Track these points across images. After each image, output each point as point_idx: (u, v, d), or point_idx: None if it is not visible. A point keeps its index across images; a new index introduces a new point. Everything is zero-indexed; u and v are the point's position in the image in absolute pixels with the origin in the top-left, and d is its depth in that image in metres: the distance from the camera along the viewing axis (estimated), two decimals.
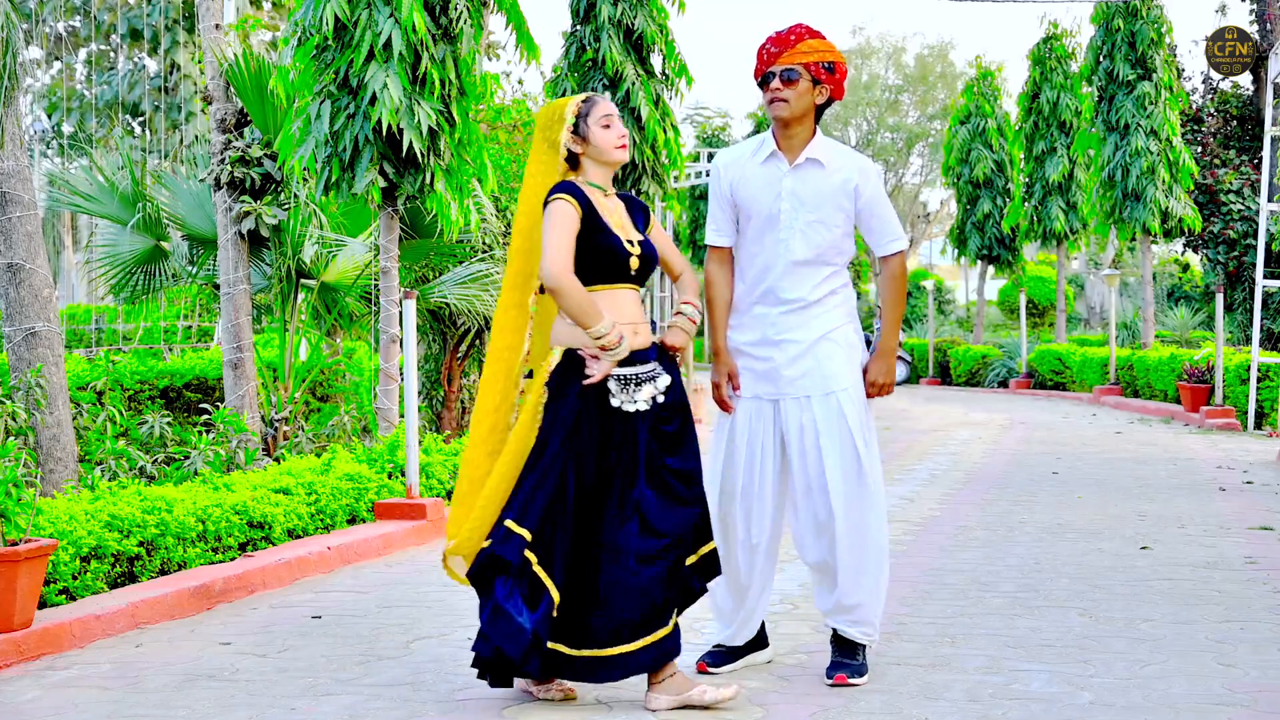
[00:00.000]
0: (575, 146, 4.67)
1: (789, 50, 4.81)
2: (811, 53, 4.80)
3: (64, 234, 33.75)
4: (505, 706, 4.63)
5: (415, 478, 8.33)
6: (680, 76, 14.73)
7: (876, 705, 4.60)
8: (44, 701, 4.80)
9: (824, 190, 4.84)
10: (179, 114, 29.16)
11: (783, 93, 4.79)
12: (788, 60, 4.80)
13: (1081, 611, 5.98)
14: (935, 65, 42.95)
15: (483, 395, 4.72)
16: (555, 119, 4.69)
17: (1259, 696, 4.65)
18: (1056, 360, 23.44)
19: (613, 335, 4.51)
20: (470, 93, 9.61)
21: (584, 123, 4.66)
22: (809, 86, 4.82)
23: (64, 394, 8.19)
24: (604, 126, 4.66)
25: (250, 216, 9.91)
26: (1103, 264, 33.93)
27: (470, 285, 11.14)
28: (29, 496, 5.64)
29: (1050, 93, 25.29)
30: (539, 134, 4.73)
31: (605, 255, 4.59)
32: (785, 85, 4.79)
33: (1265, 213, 15.93)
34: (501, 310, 4.73)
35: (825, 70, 4.83)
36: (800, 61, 4.80)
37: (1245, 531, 8.16)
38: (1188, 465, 11.81)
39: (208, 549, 6.87)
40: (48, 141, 34.21)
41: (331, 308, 11.14)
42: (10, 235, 8.12)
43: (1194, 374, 16.59)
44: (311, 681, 4.98)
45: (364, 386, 11.89)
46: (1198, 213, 20.97)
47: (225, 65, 9.97)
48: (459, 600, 6.40)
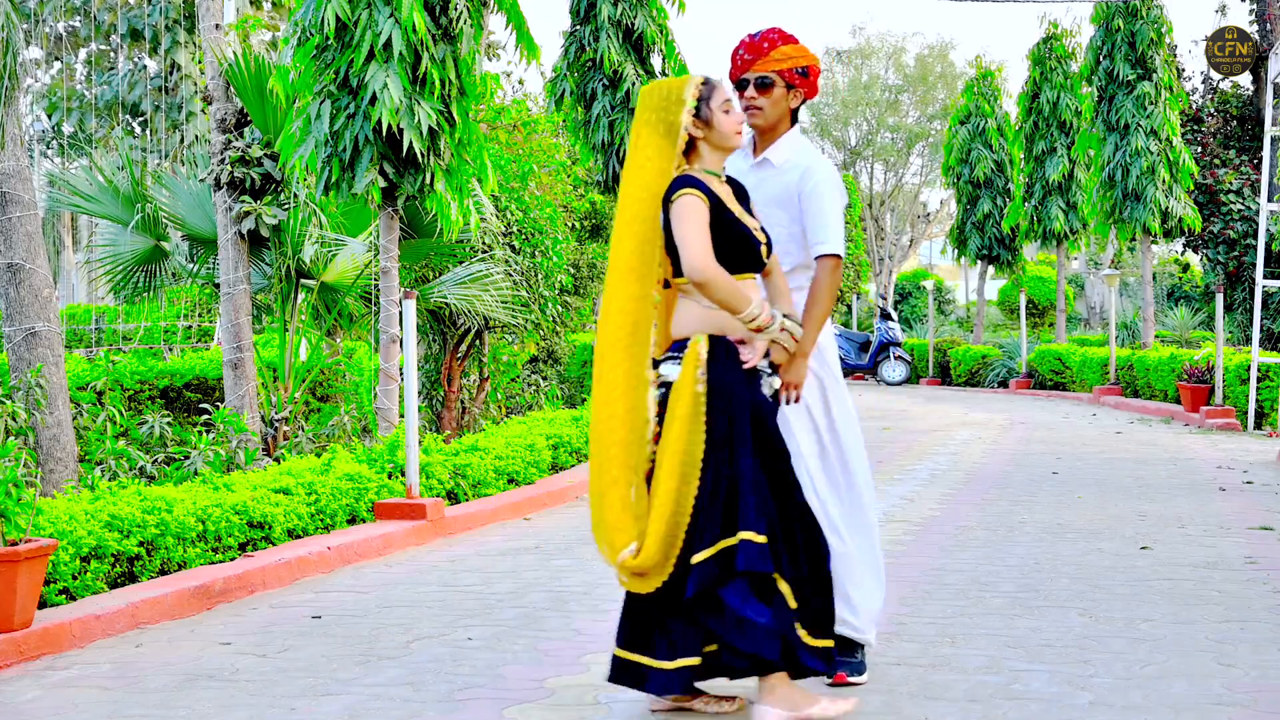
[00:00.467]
0: (696, 131, 4.48)
1: (763, 58, 4.82)
2: (785, 59, 4.81)
3: (64, 234, 33.76)
4: (505, 707, 4.63)
5: (415, 478, 8.33)
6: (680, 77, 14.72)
7: (876, 705, 4.60)
8: (44, 701, 4.80)
9: (771, 189, 4.88)
10: (179, 114, 29.15)
11: (757, 100, 4.83)
12: (762, 67, 4.82)
13: (1081, 611, 5.98)
14: (935, 65, 42.92)
15: (605, 402, 4.43)
16: (673, 100, 4.47)
17: (1259, 696, 4.65)
18: (1056, 360, 23.44)
19: (764, 315, 4.40)
20: (470, 93, 9.61)
21: (706, 106, 4.48)
22: (783, 93, 4.85)
23: (64, 394, 8.19)
24: (725, 111, 4.49)
25: (250, 216, 9.92)
26: (1103, 264, 33.95)
27: (470, 285, 11.14)
28: (29, 496, 5.64)
29: (1050, 93, 25.29)
30: (650, 115, 4.48)
31: (738, 246, 4.45)
32: (760, 93, 4.83)
33: (1265, 213, 15.93)
34: (618, 308, 4.44)
35: (799, 75, 4.85)
36: (775, 69, 4.81)
37: (1245, 531, 8.16)
38: (1188, 465, 11.81)
39: (208, 549, 6.87)
40: (48, 141, 34.21)
41: (331, 308, 11.14)
42: (10, 235, 8.12)
43: (1194, 374, 16.60)
44: (311, 681, 4.98)
45: (364, 386, 11.89)
46: (1198, 213, 20.98)
47: (225, 65, 9.98)
48: (459, 600, 6.40)
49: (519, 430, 10.99)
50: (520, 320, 12.12)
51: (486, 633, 5.71)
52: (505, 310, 11.60)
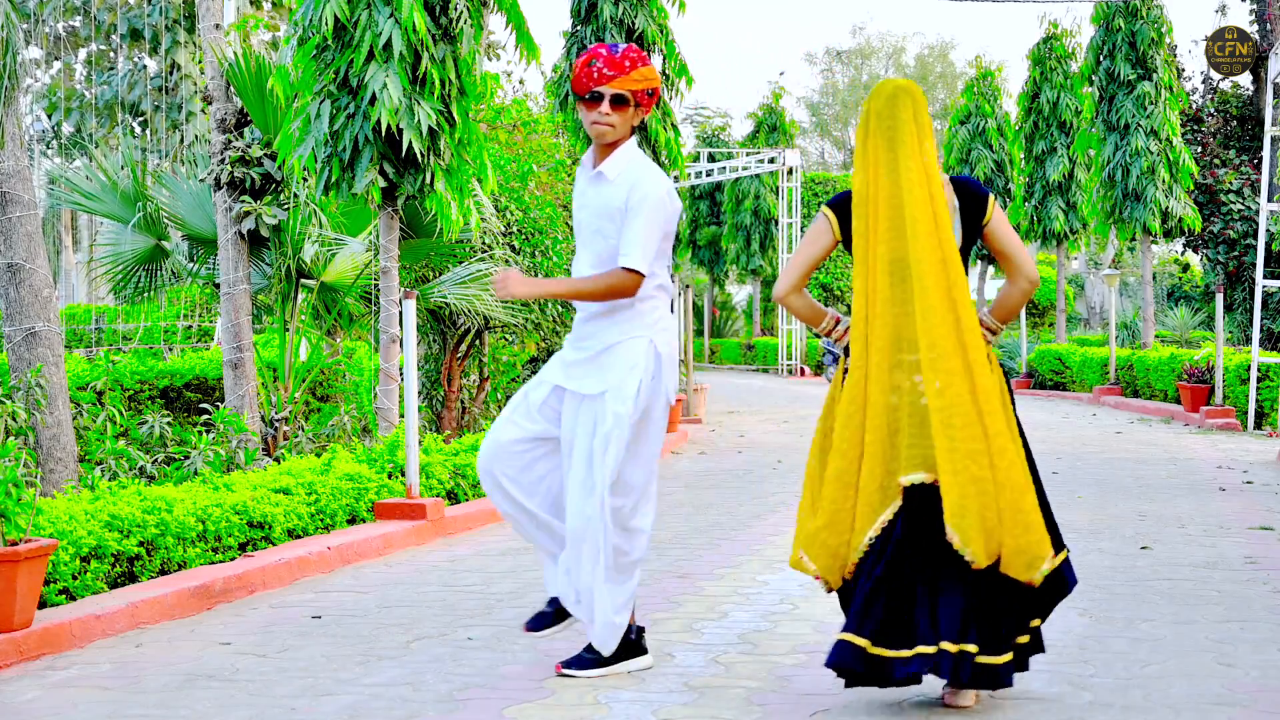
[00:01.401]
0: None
1: (623, 76, 4.90)
2: (642, 81, 4.92)
3: (64, 234, 33.77)
4: (505, 707, 4.63)
5: (415, 478, 8.33)
6: (680, 76, 14.74)
7: (877, 705, 4.60)
8: (44, 701, 4.80)
9: (602, 202, 4.98)
10: (179, 114, 29.15)
11: (610, 118, 4.92)
12: (620, 85, 4.90)
13: (1081, 611, 5.98)
14: (935, 65, 42.93)
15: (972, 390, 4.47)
16: (920, 96, 4.58)
17: (1259, 696, 4.65)
18: (1056, 360, 23.44)
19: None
20: (470, 93, 9.61)
21: None
22: (633, 111, 4.96)
23: (64, 394, 8.19)
24: None
25: (250, 216, 9.92)
26: (1103, 264, 33.94)
27: (470, 285, 11.14)
28: (29, 496, 5.64)
29: (1050, 93, 25.30)
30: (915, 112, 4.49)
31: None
32: (614, 109, 4.92)
33: (1265, 213, 15.93)
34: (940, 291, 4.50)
35: (648, 96, 4.98)
36: (631, 89, 4.91)
37: (1245, 531, 8.16)
38: (1188, 465, 11.81)
39: (208, 549, 6.87)
40: (48, 141, 34.21)
41: (331, 308, 11.14)
42: (10, 235, 8.12)
43: (1194, 374, 16.60)
44: (311, 681, 4.98)
45: (364, 386, 11.89)
46: (1198, 213, 20.98)
47: (225, 65, 9.98)
48: (459, 600, 6.41)
49: None
50: (520, 320, 12.12)
51: (486, 633, 5.71)
52: (505, 310, 11.60)
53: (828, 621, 5.88)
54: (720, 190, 37.17)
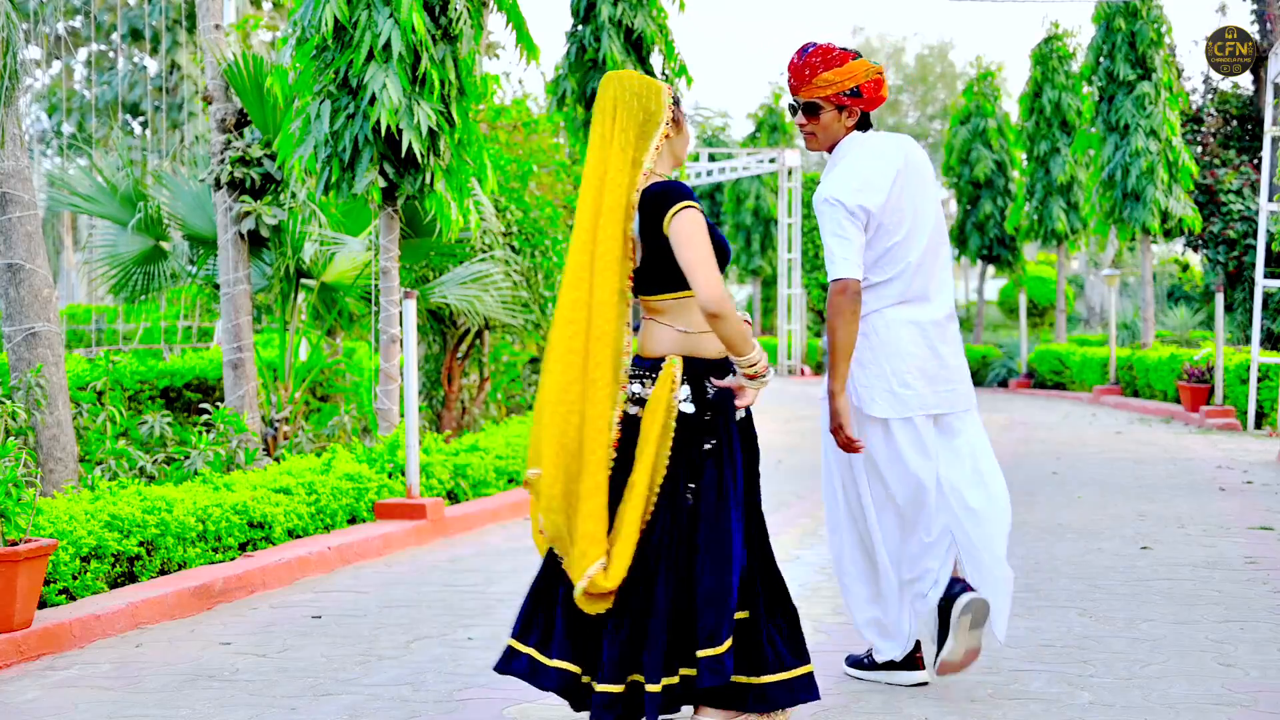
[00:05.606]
0: (671, 132, 4.16)
1: (805, 85, 4.63)
2: (829, 86, 4.61)
3: (64, 234, 33.76)
4: (505, 707, 4.63)
5: (415, 478, 8.33)
6: (680, 76, 14.72)
7: (876, 705, 4.60)
8: (44, 701, 4.80)
9: None
10: (179, 114, 29.16)
11: (808, 127, 4.70)
12: (806, 94, 4.65)
13: (1081, 611, 5.98)
14: (935, 65, 42.95)
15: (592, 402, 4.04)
16: (653, 91, 4.11)
17: (1259, 696, 4.65)
18: (1056, 360, 23.44)
19: (763, 360, 4.06)
20: (470, 93, 9.61)
21: (678, 110, 4.18)
22: (834, 115, 4.67)
23: (64, 394, 8.18)
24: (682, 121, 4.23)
25: (250, 216, 9.91)
26: (1103, 264, 33.90)
27: (470, 285, 11.14)
28: (29, 496, 5.64)
29: (1052, 93, 25.31)
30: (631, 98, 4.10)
31: (722, 260, 4.11)
32: (809, 120, 4.69)
33: (1265, 213, 15.92)
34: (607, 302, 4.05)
35: (849, 96, 4.64)
36: (819, 96, 4.64)
37: (1245, 531, 8.16)
38: (1187, 465, 11.81)
39: (208, 549, 6.87)
40: (48, 141, 34.21)
41: (331, 308, 11.14)
42: (10, 235, 8.11)
43: (1194, 374, 16.60)
44: (311, 681, 4.98)
45: (364, 386, 11.89)
46: (1198, 213, 20.98)
47: (225, 65, 9.98)
48: (459, 600, 6.41)
49: (519, 430, 10.99)
50: (520, 320, 12.12)
51: (486, 633, 5.71)
52: (505, 310, 11.60)
53: (828, 621, 5.89)
54: (720, 190, 37.19)
